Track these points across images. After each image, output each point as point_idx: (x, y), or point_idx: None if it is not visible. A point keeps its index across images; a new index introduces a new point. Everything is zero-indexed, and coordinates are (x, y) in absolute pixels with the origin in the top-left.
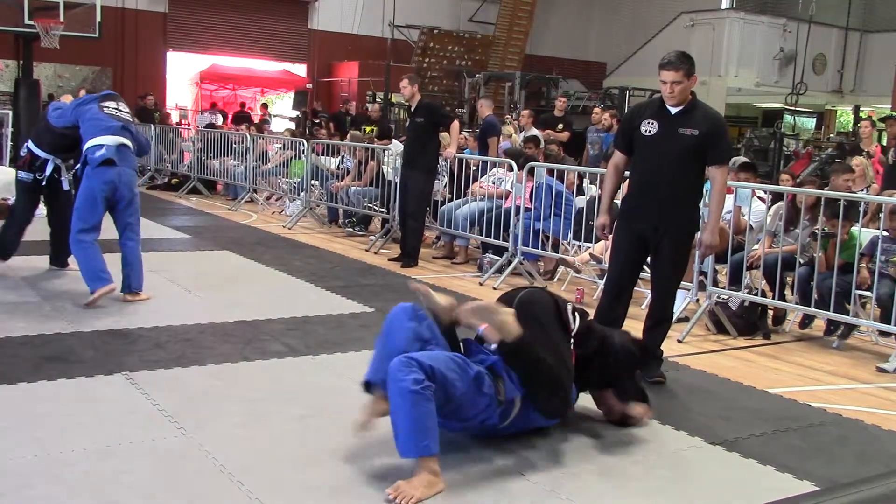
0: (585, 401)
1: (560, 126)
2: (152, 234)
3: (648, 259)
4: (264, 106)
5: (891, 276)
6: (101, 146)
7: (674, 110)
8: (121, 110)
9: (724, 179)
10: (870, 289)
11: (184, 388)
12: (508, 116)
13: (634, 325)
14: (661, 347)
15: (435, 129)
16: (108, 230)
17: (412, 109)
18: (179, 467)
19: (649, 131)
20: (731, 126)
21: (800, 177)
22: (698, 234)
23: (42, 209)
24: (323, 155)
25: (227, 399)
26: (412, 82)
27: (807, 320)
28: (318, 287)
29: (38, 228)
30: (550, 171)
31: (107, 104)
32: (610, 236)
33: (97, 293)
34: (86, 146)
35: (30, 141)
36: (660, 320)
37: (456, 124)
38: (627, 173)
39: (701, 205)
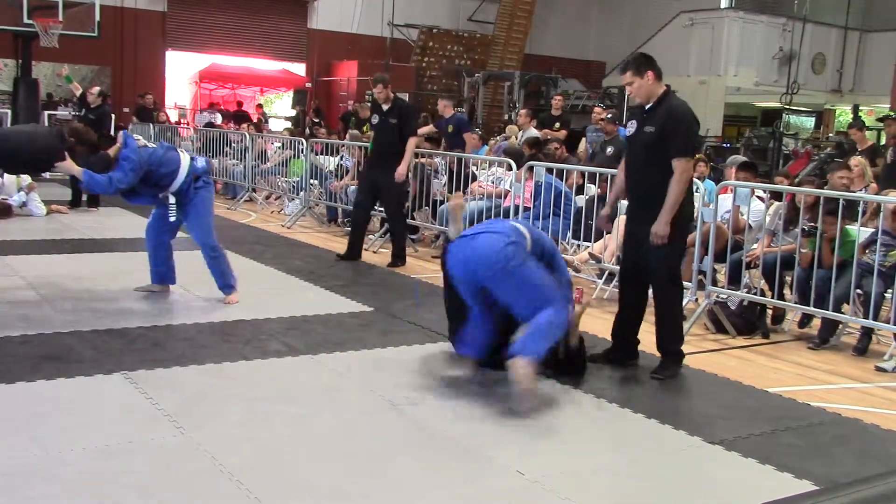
0: (584, 401)
1: (557, 125)
2: None
3: None
4: (259, 106)
5: (885, 274)
6: (195, 158)
7: (646, 108)
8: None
9: (683, 171)
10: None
11: (183, 387)
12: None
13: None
14: (675, 347)
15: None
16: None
17: (385, 109)
18: (178, 467)
19: (630, 131)
20: (730, 126)
21: (798, 176)
22: (692, 235)
23: (38, 208)
24: (322, 154)
25: (227, 398)
26: (385, 84)
27: (806, 319)
28: (317, 286)
29: (39, 227)
30: (549, 170)
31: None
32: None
33: (235, 298)
34: (185, 165)
35: None
36: (659, 317)
37: (413, 141)
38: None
39: (697, 201)
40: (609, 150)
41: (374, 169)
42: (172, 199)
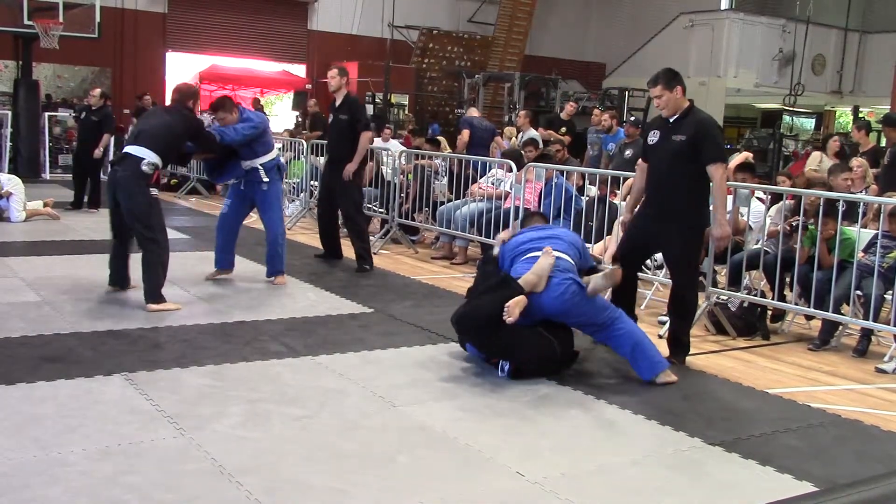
0: (584, 402)
1: (563, 129)
2: None
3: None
4: (261, 107)
5: (884, 275)
6: (278, 155)
7: (671, 120)
8: None
9: (721, 175)
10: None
11: (183, 388)
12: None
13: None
14: (684, 339)
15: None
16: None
17: (336, 105)
18: (178, 468)
19: (652, 140)
20: (730, 127)
21: (798, 177)
22: (708, 230)
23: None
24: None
25: (227, 399)
26: (341, 74)
27: None
28: (317, 287)
29: (39, 228)
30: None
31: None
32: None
33: (284, 280)
34: (273, 154)
35: (145, 149)
36: (677, 311)
37: (366, 136)
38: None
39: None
40: (628, 153)
41: (328, 168)
42: (260, 167)
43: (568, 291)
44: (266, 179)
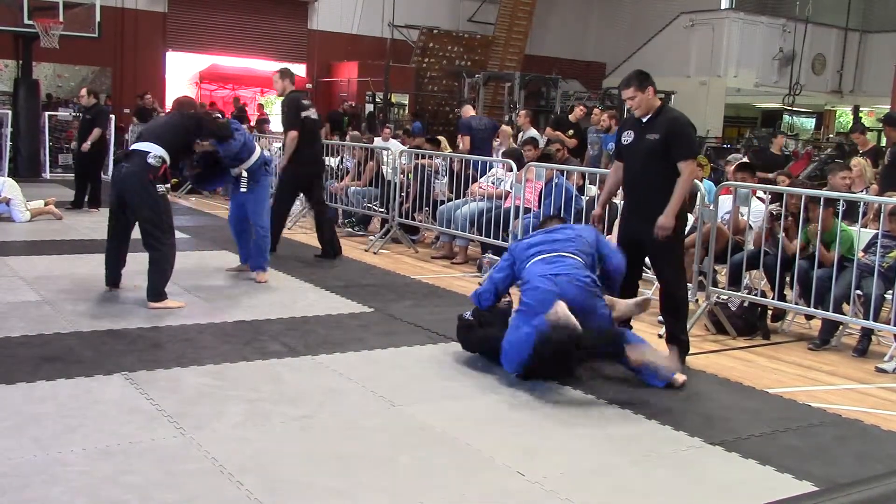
0: (585, 402)
1: (571, 132)
2: None
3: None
4: (260, 106)
5: (884, 274)
6: (264, 150)
7: (644, 119)
8: None
9: (690, 171)
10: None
11: (183, 388)
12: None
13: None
14: (682, 337)
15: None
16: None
17: None
18: (178, 467)
19: (626, 140)
20: (731, 126)
21: (799, 177)
22: (692, 236)
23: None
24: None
25: (227, 399)
26: (282, 76)
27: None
28: (317, 287)
29: (40, 228)
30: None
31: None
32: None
33: (266, 277)
34: (259, 150)
35: (155, 145)
36: (668, 309)
37: (288, 136)
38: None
39: (698, 203)
40: None
41: None
42: (245, 174)
43: (584, 284)
44: (246, 185)
